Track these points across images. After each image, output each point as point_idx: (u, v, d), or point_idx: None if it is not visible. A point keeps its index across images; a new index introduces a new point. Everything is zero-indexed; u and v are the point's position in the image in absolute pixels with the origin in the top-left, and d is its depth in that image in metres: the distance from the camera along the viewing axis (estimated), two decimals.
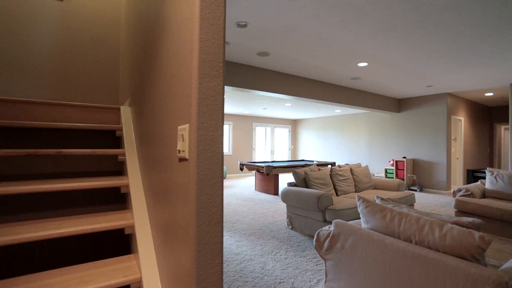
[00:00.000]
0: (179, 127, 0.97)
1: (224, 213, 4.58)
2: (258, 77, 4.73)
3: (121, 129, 2.18)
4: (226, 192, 6.59)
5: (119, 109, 2.52)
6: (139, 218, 1.49)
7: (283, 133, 11.95)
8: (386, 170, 7.74)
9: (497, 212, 3.48)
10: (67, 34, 3.02)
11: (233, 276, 2.40)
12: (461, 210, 3.89)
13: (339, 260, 1.73)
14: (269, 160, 10.55)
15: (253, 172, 10.71)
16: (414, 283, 1.36)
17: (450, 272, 1.23)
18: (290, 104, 7.82)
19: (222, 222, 0.93)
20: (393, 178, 7.58)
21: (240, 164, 6.71)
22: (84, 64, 3.13)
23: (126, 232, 1.52)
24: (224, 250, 2.99)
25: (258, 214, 4.49)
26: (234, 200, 5.62)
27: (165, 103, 1.21)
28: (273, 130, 11.45)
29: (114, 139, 2.27)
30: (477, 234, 1.22)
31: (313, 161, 8.36)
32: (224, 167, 9.30)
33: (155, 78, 1.44)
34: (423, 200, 5.87)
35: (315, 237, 1.89)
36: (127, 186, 1.74)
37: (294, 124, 12.15)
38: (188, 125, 0.90)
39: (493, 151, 8.72)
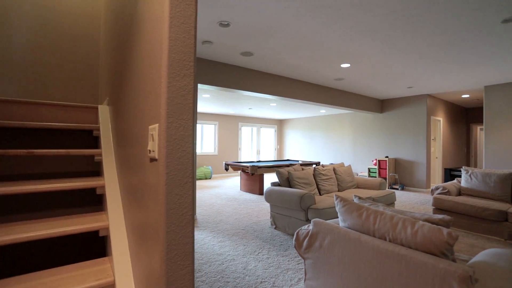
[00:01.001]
0: (150, 127, 0.96)
1: (208, 213, 4.55)
2: (243, 77, 4.72)
3: (98, 129, 2.13)
4: (211, 192, 6.55)
5: (97, 108, 2.45)
6: (114, 220, 1.46)
7: (269, 133, 11.99)
8: (369, 170, 7.90)
9: (471, 208, 3.62)
10: (43, 29, 2.91)
11: (214, 277, 2.39)
12: (439, 207, 4.02)
13: (318, 259, 1.76)
14: (255, 160, 10.55)
15: (239, 172, 10.69)
16: (388, 280, 1.39)
17: (420, 268, 1.26)
18: (275, 104, 7.85)
19: (193, 222, 0.92)
20: (376, 177, 7.74)
21: (225, 164, 6.68)
22: (62, 61, 3.03)
23: (101, 234, 1.49)
24: (206, 250, 2.97)
25: (242, 214, 4.48)
26: (219, 201, 5.59)
27: (138, 102, 1.19)
28: (259, 130, 11.47)
29: (92, 139, 2.21)
30: (445, 230, 1.27)
31: (298, 160, 8.43)
32: (210, 167, 9.23)
33: (131, 77, 1.41)
34: (404, 198, 6.03)
35: (294, 236, 1.91)
36: (102, 187, 1.70)
37: (280, 124, 12.22)
38: (157, 124, 0.89)
39: (470, 151, 9.07)
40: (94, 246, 1.84)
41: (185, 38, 0.90)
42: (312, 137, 10.63)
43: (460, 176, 6.83)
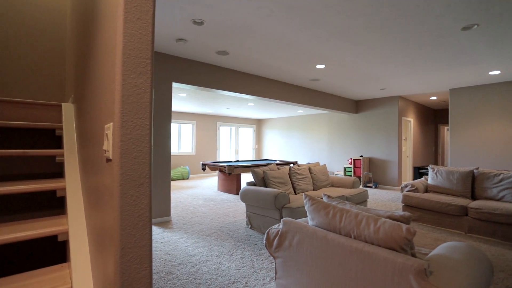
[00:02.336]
0: (105, 126, 0.92)
1: (184, 214, 4.47)
2: (219, 76, 4.68)
3: (61, 128, 2.02)
4: (187, 192, 6.45)
5: (60, 106, 2.33)
6: (75, 224, 1.39)
7: (248, 132, 11.99)
8: (345, 169, 8.12)
9: (436, 204, 3.81)
10: (3, 21, 2.72)
11: (186, 279, 2.35)
12: (407, 204, 4.21)
13: (287, 257, 1.78)
14: (234, 160, 10.52)
15: (216, 172, 10.60)
16: (352, 276, 1.43)
17: (381, 263, 1.31)
18: (253, 104, 7.87)
19: (151, 224, 0.89)
20: (351, 176, 7.97)
21: (202, 164, 6.60)
22: (25, 56, 2.86)
23: (60, 239, 1.41)
24: (179, 252, 2.91)
25: (219, 214, 4.45)
26: (195, 201, 5.51)
27: (97, 100, 1.14)
28: (237, 129, 11.44)
29: (57, 138, 2.10)
30: (404, 226, 1.32)
31: (276, 160, 8.50)
32: (187, 167, 9.09)
33: (91, 74, 1.35)
34: (377, 196, 6.25)
35: (265, 236, 1.92)
36: (63, 189, 1.61)
37: (258, 124, 12.26)
38: (112, 123, 0.86)
39: (438, 150, 9.57)
40: (56, 252, 1.75)
41: (142, 35, 0.87)
42: (290, 137, 10.75)
43: (427, 174, 7.18)
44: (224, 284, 2.26)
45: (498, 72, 4.84)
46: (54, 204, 1.81)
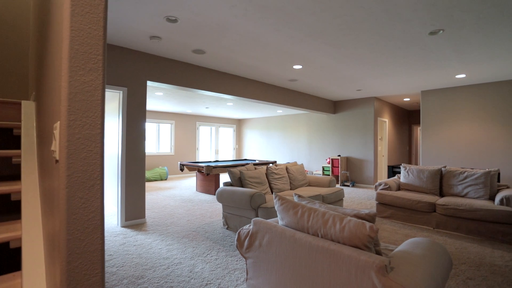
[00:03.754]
0: (54, 125, 0.87)
1: (159, 216, 4.36)
2: (196, 75, 4.61)
3: (19, 127, 1.91)
4: (165, 193, 6.31)
5: (20, 104, 2.20)
6: (29, 230, 1.31)
7: (228, 132, 11.93)
8: (323, 168, 8.26)
9: (407, 202, 3.96)
10: None
11: (157, 283, 2.29)
12: (381, 202, 4.34)
13: (258, 258, 1.77)
14: (214, 160, 10.43)
15: (195, 172, 10.48)
16: (319, 274, 1.45)
17: (346, 261, 1.33)
18: (232, 104, 7.83)
19: (103, 227, 0.85)
20: (329, 175, 8.13)
21: (180, 164, 6.49)
22: None
23: (12, 246, 1.32)
24: (152, 255, 2.84)
25: (195, 215, 4.39)
26: (172, 202, 5.40)
27: (50, 98, 1.08)
28: (217, 129, 11.34)
29: (16, 138, 1.98)
30: (368, 224, 1.35)
31: (255, 160, 8.51)
32: (165, 168, 8.90)
33: (46, 70, 1.28)
34: (353, 194, 6.41)
35: (236, 236, 1.90)
36: (18, 192, 1.52)
37: (238, 124, 12.22)
38: (58, 122, 0.81)
39: (411, 149, 9.97)
40: (10, 259, 1.64)
41: (92, 29, 0.83)
42: (270, 137, 10.81)
43: (400, 173, 7.45)
44: (196, 286, 2.22)
45: (463, 75, 5.10)
46: (11, 208, 1.70)
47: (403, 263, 1.32)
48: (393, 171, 6.76)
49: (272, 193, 4.12)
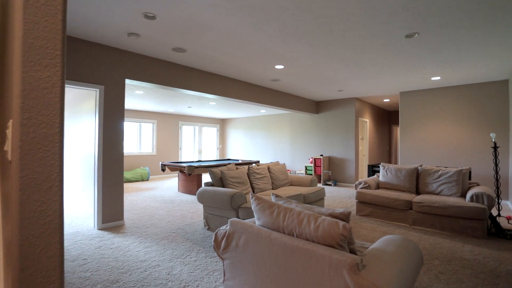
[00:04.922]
0: (8, 124, 0.82)
1: (139, 217, 4.26)
2: (177, 74, 4.54)
3: None
4: (145, 194, 6.17)
5: None
6: None
7: (211, 132, 11.83)
8: (306, 167, 8.35)
9: (385, 200, 4.07)
10: None
11: (133, 286, 2.22)
12: (361, 200, 4.43)
13: (234, 258, 1.75)
14: (197, 160, 10.31)
15: (177, 172, 10.34)
16: (294, 274, 1.45)
17: (319, 260, 1.34)
18: (215, 103, 7.77)
19: (62, 231, 0.81)
20: (312, 174, 8.22)
21: (162, 164, 6.36)
22: None
23: None
24: (129, 258, 2.76)
25: (176, 216, 4.31)
26: (153, 203, 5.29)
27: (5, 95, 1.02)
28: (200, 129, 11.23)
29: None
30: (341, 223, 1.37)
31: (238, 160, 8.48)
32: (147, 168, 8.71)
33: (4, 66, 1.20)
34: (335, 193, 6.52)
35: (213, 237, 1.88)
36: None
37: (222, 124, 12.15)
38: (11, 121, 0.76)
39: (391, 149, 10.26)
40: None
41: (49, 23, 0.78)
42: (253, 137, 10.81)
43: (379, 172, 7.65)
44: None
45: (438, 78, 5.30)
46: None
47: (376, 261, 1.34)
48: (373, 170, 6.93)
49: (254, 193, 4.11)
